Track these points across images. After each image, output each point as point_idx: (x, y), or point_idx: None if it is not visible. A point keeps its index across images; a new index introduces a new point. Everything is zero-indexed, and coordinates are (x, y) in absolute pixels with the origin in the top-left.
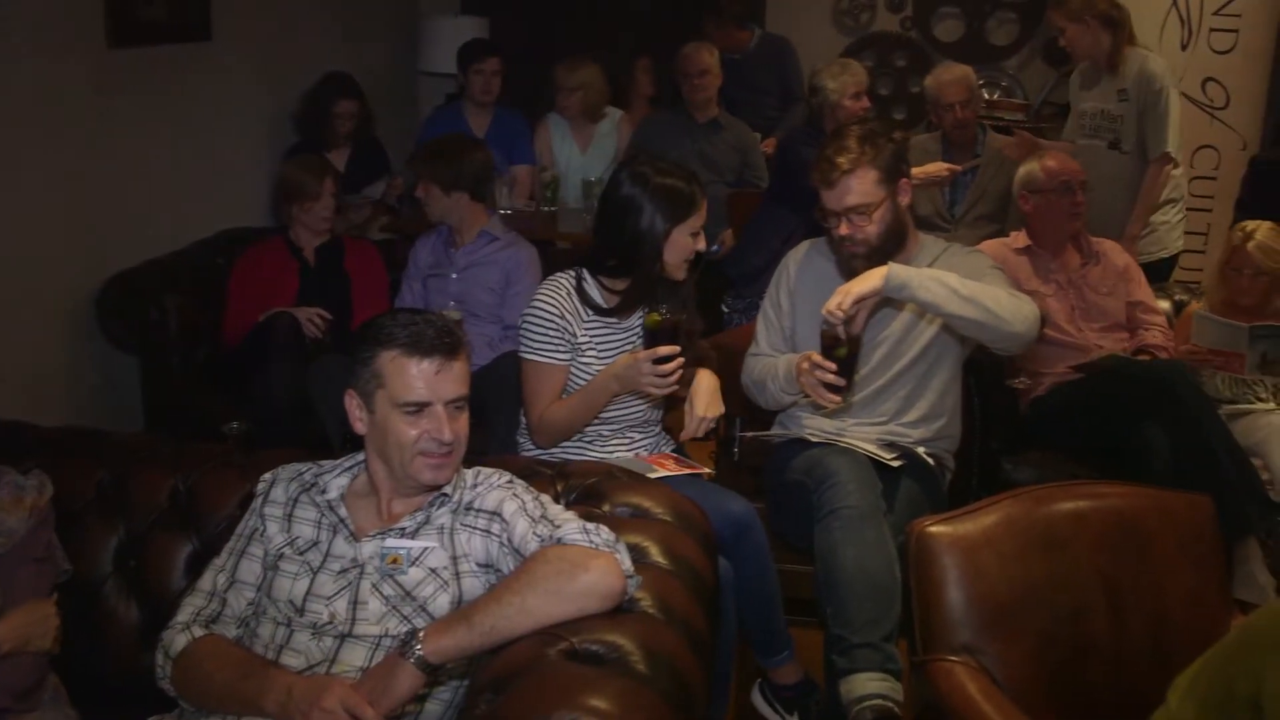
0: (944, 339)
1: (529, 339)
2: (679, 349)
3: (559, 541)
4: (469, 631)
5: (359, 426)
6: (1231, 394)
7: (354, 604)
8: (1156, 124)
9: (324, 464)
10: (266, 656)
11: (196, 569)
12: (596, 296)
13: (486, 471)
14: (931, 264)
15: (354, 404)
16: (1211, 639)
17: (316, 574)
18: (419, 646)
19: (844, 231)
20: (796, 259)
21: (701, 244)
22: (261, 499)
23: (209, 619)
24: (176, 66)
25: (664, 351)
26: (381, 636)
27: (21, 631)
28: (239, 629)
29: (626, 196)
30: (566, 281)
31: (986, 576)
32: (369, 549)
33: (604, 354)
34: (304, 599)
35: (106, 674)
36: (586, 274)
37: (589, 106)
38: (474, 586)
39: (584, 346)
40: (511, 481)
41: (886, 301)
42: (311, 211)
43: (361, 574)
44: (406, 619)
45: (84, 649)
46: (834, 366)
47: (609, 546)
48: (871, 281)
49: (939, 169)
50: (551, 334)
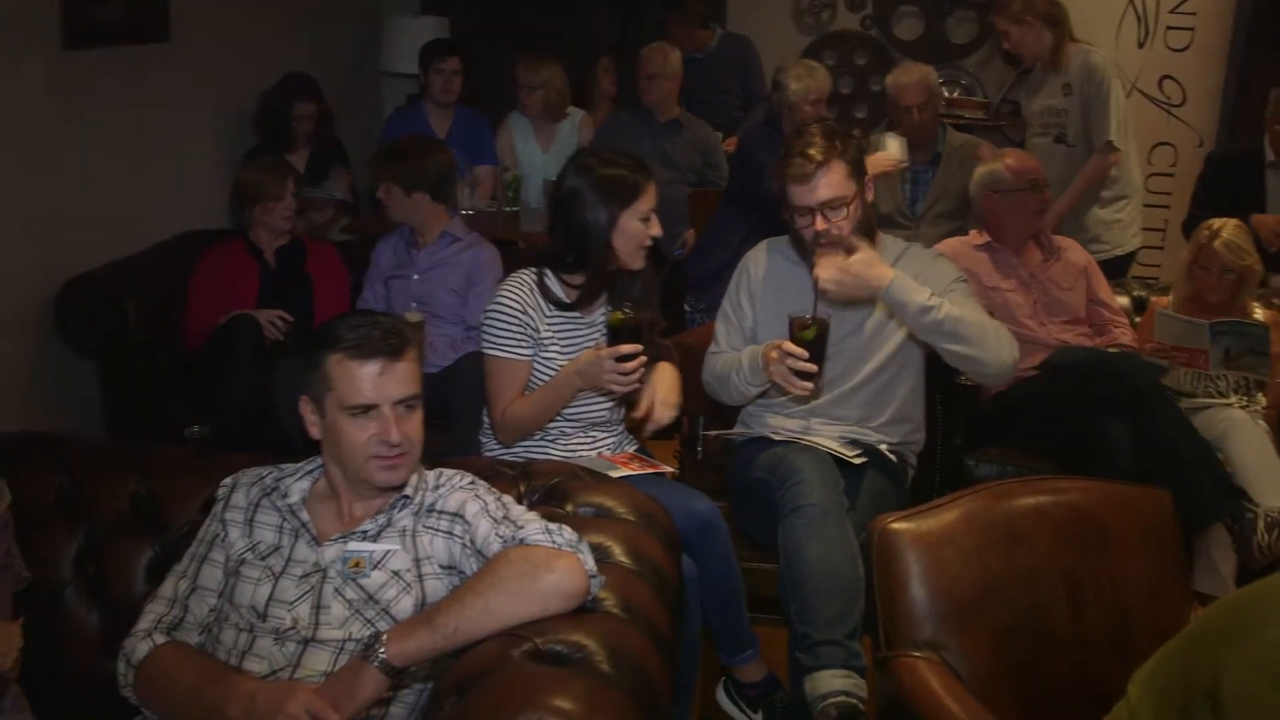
0: (911, 344)
1: (492, 334)
2: (641, 347)
3: (521, 542)
4: (432, 634)
5: (314, 431)
6: (1193, 388)
7: (317, 608)
8: (1100, 115)
9: (285, 468)
10: (229, 663)
11: (158, 575)
12: (558, 291)
13: (448, 473)
14: (893, 264)
15: (307, 409)
16: (1171, 631)
17: (279, 579)
18: (382, 650)
19: (821, 227)
20: (756, 259)
21: (656, 230)
22: (223, 504)
23: (171, 626)
24: (134, 68)
25: (627, 349)
26: (345, 641)
27: None
28: (201, 635)
29: (571, 189)
30: (529, 278)
31: (949, 572)
32: (331, 553)
33: (567, 349)
34: (266, 604)
35: (68, 682)
36: (548, 270)
37: (550, 105)
38: (437, 589)
39: (547, 342)
40: (474, 483)
41: (858, 306)
42: (273, 213)
43: (324, 578)
44: (370, 622)
45: (45, 657)
46: (804, 353)
47: (572, 546)
48: (877, 271)
49: (888, 160)
50: (514, 329)
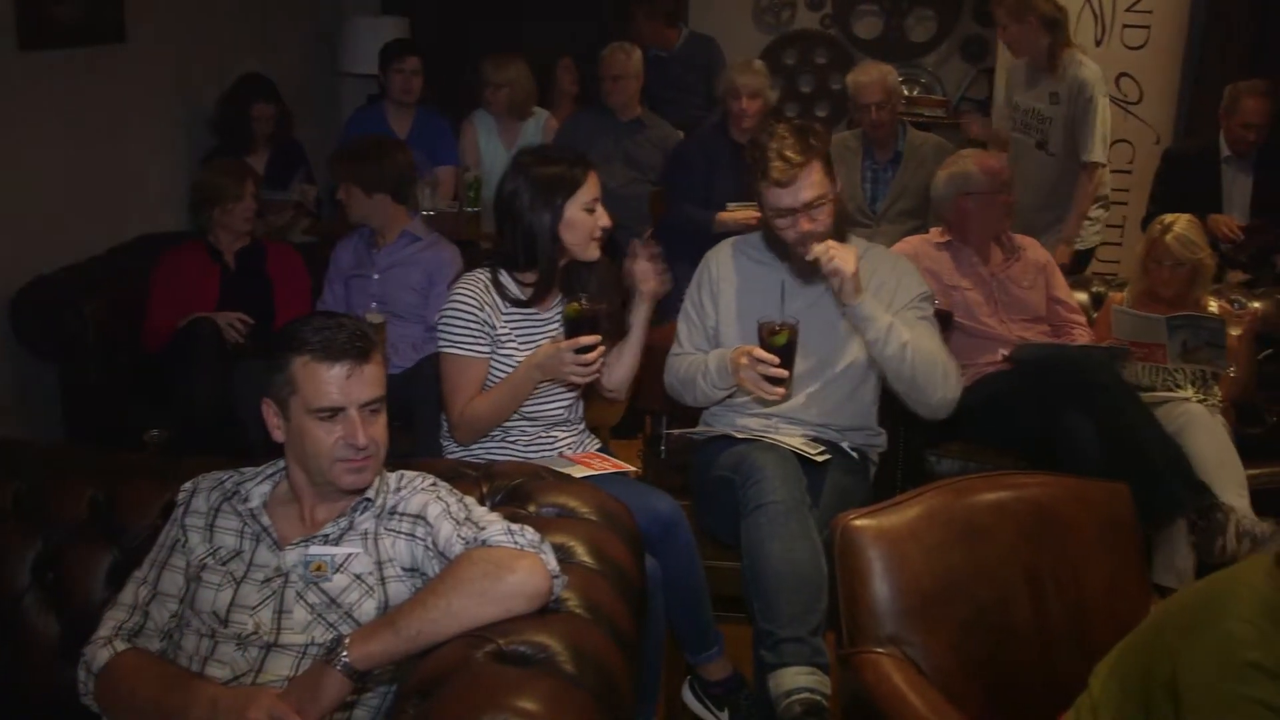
0: None
1: (448, 333)
2: (600, 338)
3: (484, 543)
4: (395, 636)
5: (277, 435)
6: (1151, 382)
7: (279, 613)
8: (1085, 132)
9: (245, 471)
10: (191, 669)
11: (118, 581)
12: (513, 289)
13: (410, 475)
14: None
15: (271, 412)
16: (1130, 624)
17: (240, 584)
18: (345, 653)
19: (806, 228)
20: (718, 258)
21: (604, 220)
22: (183, 509)
23: (131, 632)
24: (90, 69)
25: (585, 341)
26: (307, 645)
27: None
28: (162, 642)
29: (511, 191)
30: (483, 276)
31: (911, 568)
32: (293, 557)
33: (524, 345)
34: (228, 610)
35: (27, 689)
36: (501, 269)
37: (515, 104)
38: (400, 591)
39: (504, 339)
40: (435, 484)
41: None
42: (233, 214)
43: (286, 583)
44: (332, 626)
45: (3, 665)
46: (775, 359)
47: (534, 547)
48: (851, 287)
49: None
50: (471, 326)
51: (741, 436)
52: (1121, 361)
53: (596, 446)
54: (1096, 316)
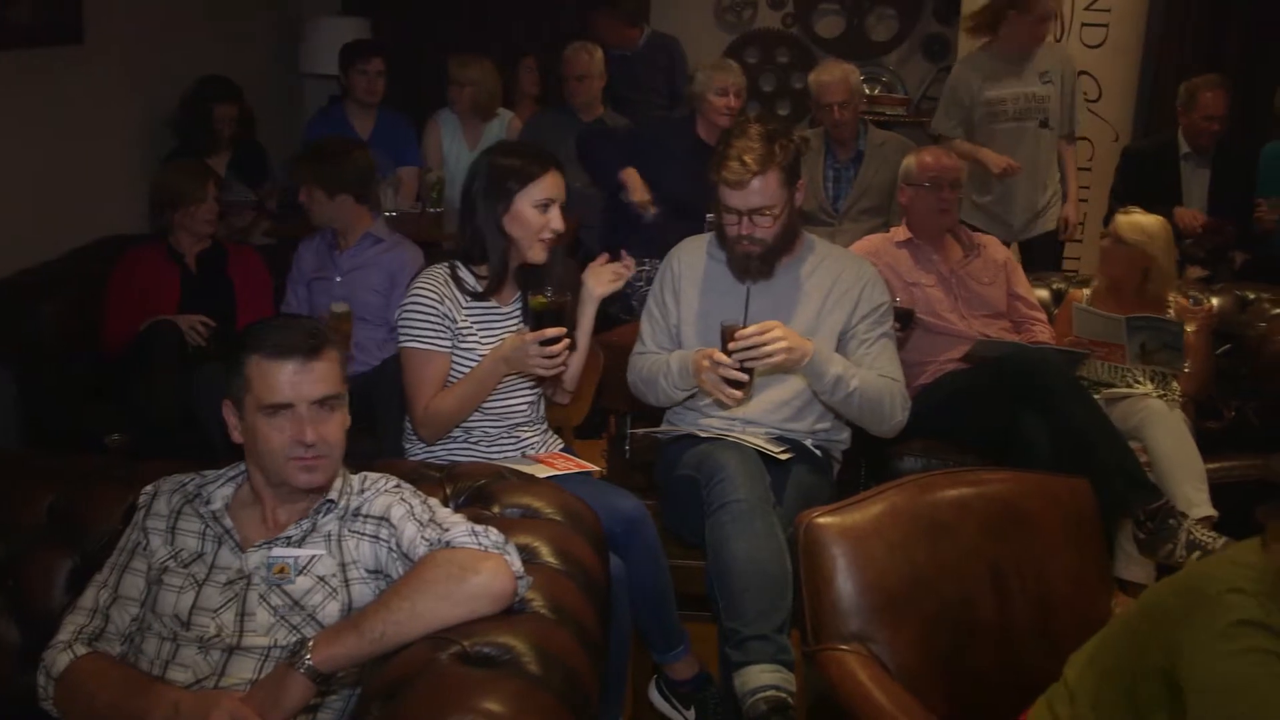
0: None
1: (409, 328)
2: (565, 330)
3: (448, 544)
4: (359, 639)
5: (236, 435)
6: (1110, 379)
7: (241, 616)
8: (1072, 106)
9: (207, 474)
10: (152, 672)
11: (78, 586)
12: (470, 281)
13: (373, 477)
14: (816, 268)
15: (230, 412)
16: (1093, 618)
17: (202, 587)
18: (308, 656)
19: (745, 230)
20: (680, 256)
21: (557, 223)
22: (144, 512)
23: (92, 636)
24: (47, 70)
25: (551, 333)
26: (270, 648)
27: None
28: (123, 645)
29: (470, 177)
30: (441, 271)
31: (875, 565)
32: (255, 559)
33: (486, 340)
34: (189, 612)
35: None
36: (459, 264)
37: (479, 103)
38: (363, 593)
39: (465, 333)
40: (399, 486)
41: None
42: (194, 216)
43: (248, 585)
44: (295, 629)
45: None
46: (735, 363)
47: (498, 548)
48: (796, 355)
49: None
50: (432, 319)
51: (705, 435)
52: (1079, 364)
53: (560, 447)
54: (1057, 313)
